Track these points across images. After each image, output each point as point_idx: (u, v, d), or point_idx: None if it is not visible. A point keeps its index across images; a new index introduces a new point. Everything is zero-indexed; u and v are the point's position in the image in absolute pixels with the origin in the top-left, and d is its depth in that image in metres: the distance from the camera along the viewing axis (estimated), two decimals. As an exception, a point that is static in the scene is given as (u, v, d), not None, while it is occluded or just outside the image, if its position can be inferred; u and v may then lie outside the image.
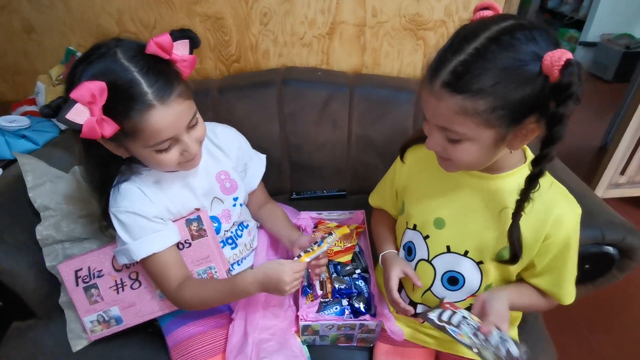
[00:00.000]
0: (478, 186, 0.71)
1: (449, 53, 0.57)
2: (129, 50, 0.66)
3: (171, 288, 0.80)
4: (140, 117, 0.64)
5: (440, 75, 0.57)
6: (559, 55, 0.51)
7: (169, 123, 0.67)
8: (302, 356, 0.84)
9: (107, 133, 0.63)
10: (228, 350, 0.82)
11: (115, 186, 0.77)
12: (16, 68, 1.41)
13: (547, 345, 0.95)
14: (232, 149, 0.92)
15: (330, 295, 0.92)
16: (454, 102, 0.56)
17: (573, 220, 0.68)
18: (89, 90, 0.60)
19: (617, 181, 1.97)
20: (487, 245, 0.71)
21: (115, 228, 0.77)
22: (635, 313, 1.54)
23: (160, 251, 0.77)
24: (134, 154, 0.72)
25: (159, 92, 0.65)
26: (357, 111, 1.21)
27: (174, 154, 0.72)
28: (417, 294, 0.82)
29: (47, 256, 0.92)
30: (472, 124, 0.57)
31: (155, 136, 0.67)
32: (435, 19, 1.24)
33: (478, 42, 0.55)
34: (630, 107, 1.78)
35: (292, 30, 1.28)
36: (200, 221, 0.83)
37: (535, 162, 0.59)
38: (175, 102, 0.67)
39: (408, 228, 0.81)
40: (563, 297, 0.73)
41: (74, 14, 1.28)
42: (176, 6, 1.25)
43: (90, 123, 0.61)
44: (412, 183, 0.82)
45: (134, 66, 0.64)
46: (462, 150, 0.61)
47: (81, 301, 0.88)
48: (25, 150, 1.10)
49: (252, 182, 0.99)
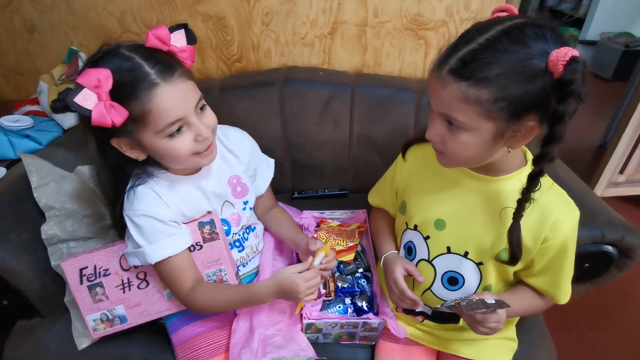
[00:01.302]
0: (479, 188, 0.72)
1: (460, 43, 0.58)
2: (130, 44, 0.69)
3: (184, 291, 0.80)
4: (147, 96, 0.65)
5: (448, 62, 0.58)
6: (564, 52, 0.52)
7: (176, 101, 0.68)
8: (309, 349, 0.85)
9: (117, 120, 0.64)
10: (232, 344, 0.83)
11: (130, 189, 0.77)
12: (19, 68, 1.42)
13: (547, 343, 0.96)
14: (244, 153, 0.92)
15: (333, 293, 0.93)
16: (458, 89, 0.57)
17: (571, 223, 0.69)
18: (94, 74, 0.62)
19: (616, 180, 1.98)
20: (487, 247, 0.72)
21: (129, 230, 0.77)
22: (634, 310, 1.55)
23: (174, 255, 0.78)
24: (147, 147, 0.72)
25: (162, 71, 0.66)
26: (358, 111, 1.22)
27: (187, 140, 0.71)
28: (417, 292, 0.82)
29: (52, 255, 0.92)
30: (473, 113, 0.58)
31: (164, 116, 0.67)
32: (436, 19, 1.25)
33: (490, 33, 0.56)
34: (630, 106, 1.79)
35: (294, 30, 1.29)
36: (213, 224, 0.84)
37: (536, 161, 0.60)
38: (180, 80, 0.68)
39: (409, 228, 0.82)
40: (559, 296, 0.74)
41: (76, 14, 1.28)
42: (178, 6, 1.25)
43: (100, 108, 0.62)
44: (413, 182, 0.82)
45: (135, 54, 0.67)
46: (459, 142, 0.62)
47: (84, 299, 0.88)
48: (29, 150, 1.11)
49: (261, 187, 0.99)
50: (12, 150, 1.11)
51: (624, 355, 1.38)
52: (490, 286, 0.77)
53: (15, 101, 1.34)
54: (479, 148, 0.62)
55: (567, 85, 0.52)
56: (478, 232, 0.72)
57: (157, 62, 0.67)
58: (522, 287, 0.78)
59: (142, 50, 0.67)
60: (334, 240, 1.02)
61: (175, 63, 0.69)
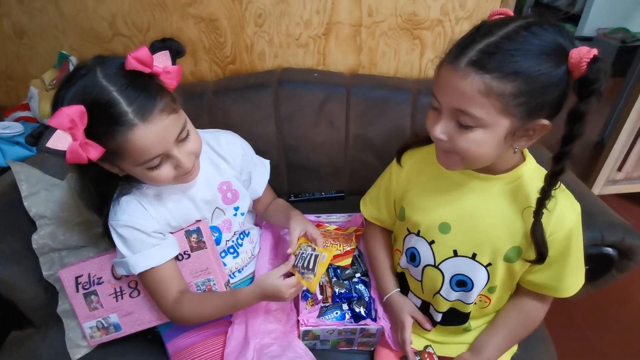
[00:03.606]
0: (480, 188, 0.71)
1: (477, 35, 0.56)
2: (109, 68, 0.64)
3: (168, 302, 0.79)
4: (123, 137, 0.63)
5: (467, 53, 0.56)
6: (586, 50, 0.52)
7: (154, 140, 0.65)
8: (307, 355, 0.83)
9: (93, 156, 0.62)
10: (226, 353, 0.82)
11: (115, 199, 0.76)
12: (8, 73, 1.40)
13: (547, 344, 0.95)
14: (236, 158, 0.90)
15: (330, 299, 0.92)
16: (480, 81, 0.55)
17: (574, 216, 0.69)
18: (67, 116, 0.58)
19: (614, 177, 1.97)
20: (494, 247, 0.71)
21: (114, 240, 0.76)
22: (634, 310, 1.54)
23: (158, 265, 0.77)
24: (127, 172, 0.71)
25: (140, 110, 0.62)
26: (354, 111, 1.20)
27: (167, 170, 0.70)
28: (427, 296, 0.81)
29: (43, 265, 0.91)
30: (491, 108, 0.56)
31: (143, 154, 0.65)
32: (431, 18, 1.23)
33: (508, 28, 0.55)
34: (628, 103, 1.78)
35: (288, 31, 1.27)
36: (200, 233, 0.83)
37: (557, 159, 0.59)
38: (158, 118, 0.64)
39: (412, 233, 0.80)
40: (562, 290, 0.73)
41: (66, 18, 1.26)
42: (170, 8, 1.23)
43: (74, 148, 0.60)
44: (411, 188, 0.80)
45: (112, 85, 0.62)
46: (471, 140, 0.60)
47: (81, 307, 0.88)
48: (20, 157, 1.09)
49: (258, 189, 0.97)
50: (2, 158, 1.09)
51: (624, 355, 1.37)
52: (496, 287, 0.76)
53: (5, 107, 1.32)
54: (491, 146, 0.60)
55: (591, 84, 0.52)
56: (484, 233, 0.71)
57: (137, 96, 0.62)
58: (507, 315, 0.80)
59: (121, 80, 0.62)
60: (331, 245, 1.01)
61: (156, 95, 0.64)
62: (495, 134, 0.59)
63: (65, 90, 0.63)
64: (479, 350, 0.80)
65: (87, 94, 0.61)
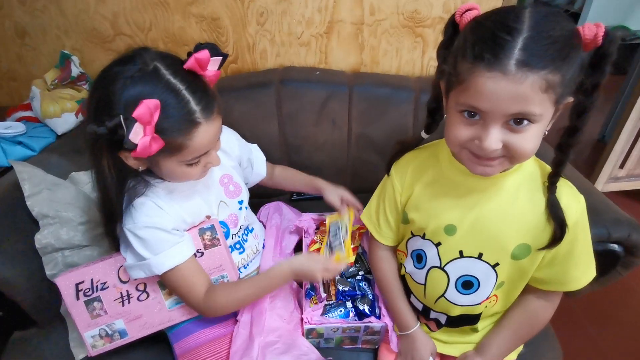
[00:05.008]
0: (482, 186, 0.70)
1: (499, 34, 0.53)
2: (171, 65, 0.65)
3: (199, 296, 0.79)
4: (188, 134, 0.65)
5: (509, 55, 0.52)
6: (595, 25, 0.53)
7: (210, 139, 0.69)
8: (312, 352, 0.83)
9: (153, 150, 0.62)
10: (232, 351, 0.82)
11: (128, 204, 0.74)
12: (10, 73, 1.40)
13: (552, 343, 0.95)
14: (233, 147, 0.93)
15: (334, 297, 0.91)
16: (539, 79, 0.52)
17: (579, 208, 0.69)
18: (148, 109, 0.59)
19: (617, 175, 1.97)
20: (501, 246, 0.71)
21: (131, 244, 0.75)
22: (638, 308, 1.54)
23: (182, 262, 0.77)
24: (161, 167, 0.71)
25: (205, 109, 0.66)
26: (356, 110, 1.20)
27: (200, 167, 0.73)
28: (431, 299, 0.80)
29: (46, 265, 0.90)
30: (548, 101, 0.55)
31: (196, 151, 0.68)
32: (433, 16, 1.23)
33: (526, 19, 0.53)
34: (629, 100, 1.78)
35: (290, 29, 1.27)
36: (214, 230, 0.82)
37: (570, 133, 0.61)
38: (216, 118, 0.69)
39: (417, 236, 0.79)
40: (568, 283, 0.72)
41: (67, 18, 1.26)
42: (171, 7, 1.23)
43: (145, 142, 0.60)
44: (413, 193, 0.79)
45: (180, 83, 0.64)
46: (527, 138, 0.57)
47: (81, 316, 0.84)
48: (22, 157, 1.09)
49: (261, 171, 1.04)
50: (4, 158, 1.09)
51: (629, 352, 1.37)
52: (504, 285, 0.76)
53: (7, 107, 1.32)
54: (540, 138, 0.59)
55: (607, 56, 0.54)
56: (490, 231, 0.71)
57: (202, 98, 0.66)
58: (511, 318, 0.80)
59: (185, 78, 0.65)
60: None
61: (214, 95, 0.69)
62: (544, 125, 0.58)
63: (123, 82, 0.62)
64: (484, 349, 0.79)
65: (157, 88, 0.63)
